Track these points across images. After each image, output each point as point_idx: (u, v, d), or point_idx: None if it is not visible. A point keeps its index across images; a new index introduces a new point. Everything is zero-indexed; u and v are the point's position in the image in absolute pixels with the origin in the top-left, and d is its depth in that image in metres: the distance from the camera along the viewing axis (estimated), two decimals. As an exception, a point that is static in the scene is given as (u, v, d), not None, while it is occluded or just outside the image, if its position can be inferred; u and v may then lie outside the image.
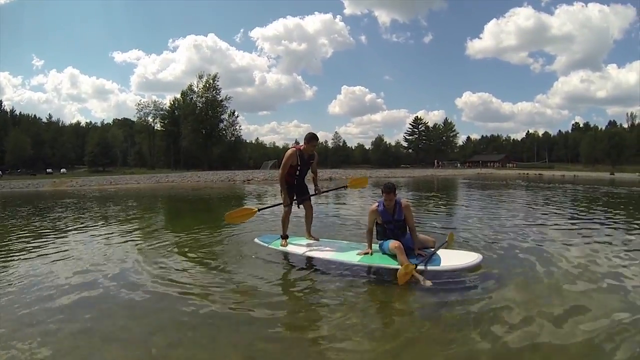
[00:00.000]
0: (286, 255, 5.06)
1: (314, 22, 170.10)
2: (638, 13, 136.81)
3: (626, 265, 4.44)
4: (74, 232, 7.20)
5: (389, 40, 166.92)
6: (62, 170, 64.00)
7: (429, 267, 4.02)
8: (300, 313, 3.37)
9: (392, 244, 4.23)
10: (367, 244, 4.61)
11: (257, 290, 3.82)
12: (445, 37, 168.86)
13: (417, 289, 3.73)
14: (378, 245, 4.57)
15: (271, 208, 6.19)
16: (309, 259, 4.81)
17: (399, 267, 3.97)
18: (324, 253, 4.77)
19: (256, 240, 5.60)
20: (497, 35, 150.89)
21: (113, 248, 5.73)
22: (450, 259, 4.14)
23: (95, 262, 4.91)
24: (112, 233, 6.95)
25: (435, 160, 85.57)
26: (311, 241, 5.28)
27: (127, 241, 6.17)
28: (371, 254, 4.45)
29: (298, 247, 5.11)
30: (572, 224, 7.69)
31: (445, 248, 4.58)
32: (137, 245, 5.88)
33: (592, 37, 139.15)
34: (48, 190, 23.46)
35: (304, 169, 5.23)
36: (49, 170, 61.65)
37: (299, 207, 5.38)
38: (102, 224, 8.03)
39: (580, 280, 3.94)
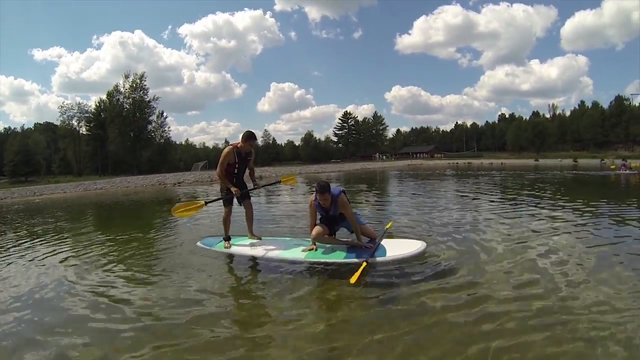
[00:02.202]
0: (231, 256, 4.98)
1: (243, 18, 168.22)
2: (559, 14, 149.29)
3: (553, 240, 5.18)
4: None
5: (319, 37, 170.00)
6: None
7: (377, 259, 4.11)
8: (248, 314, 3.34)
9: (314, 231, 4.50)
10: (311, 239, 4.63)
11: (203, 295, 3.71)
12: (375, 33, 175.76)
13: (366, 282, 3.82)
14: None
15: (216, 201, 5.90)
16: (254, 259, 4.78)
17: (346, 261, 4.05)
18: (269, 252, 4.74)
19: (198, 244, 5.45)
20: (426, 31, 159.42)
21: (44, 267, 5.11)
22: (396, 248, 4.23)
23: (23, 287, 4.36)
24: (40, 250, 6.22)
25: (378, 154, 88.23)
26: (254, 240, 5.23)
27: (58, 258, 5.54)
28: (316, 250, 4.51)
29: (242, 247, 5.05)
30: (503, 205, 8.71)
31: (387, 237, 4.74)
32: (70, 260, 5.34)
33: (517, 34, 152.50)
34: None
35: (241, 167, 5.18)
36: None
37: (240, 204, 5.30)
38: (29, 240, 7.21)
39: (509, 251, 4.65)
